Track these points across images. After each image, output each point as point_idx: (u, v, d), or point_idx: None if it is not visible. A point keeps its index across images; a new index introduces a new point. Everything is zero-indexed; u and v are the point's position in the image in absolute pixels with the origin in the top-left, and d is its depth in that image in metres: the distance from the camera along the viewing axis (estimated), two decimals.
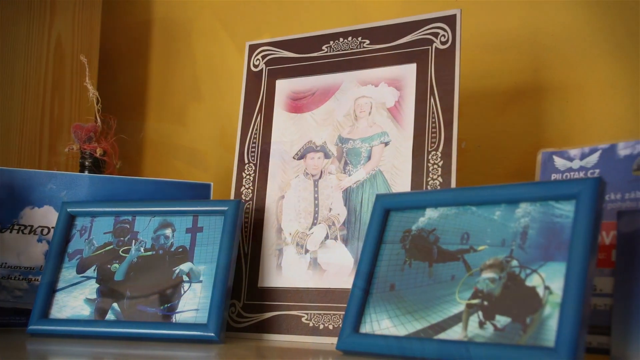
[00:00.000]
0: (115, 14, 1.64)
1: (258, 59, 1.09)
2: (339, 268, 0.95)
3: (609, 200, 0.81)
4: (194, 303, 0.93)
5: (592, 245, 0.67)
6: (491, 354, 0.68)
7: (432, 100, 0.94)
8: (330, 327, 0.93)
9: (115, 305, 0.96)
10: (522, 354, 0.66)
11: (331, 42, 1.04)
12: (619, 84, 1.11)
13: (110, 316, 0.95)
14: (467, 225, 0.78)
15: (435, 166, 0.92)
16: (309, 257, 0.98)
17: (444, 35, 0.96)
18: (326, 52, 1.04)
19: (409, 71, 0.97)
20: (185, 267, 0.96)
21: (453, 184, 0.90)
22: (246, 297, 1.00)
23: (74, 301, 0.97)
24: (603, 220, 0.81)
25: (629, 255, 0.75)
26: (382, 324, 0.79)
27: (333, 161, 1.00)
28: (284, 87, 1.06)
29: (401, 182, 0.94)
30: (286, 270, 0.99)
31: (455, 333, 0.72)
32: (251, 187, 1.04)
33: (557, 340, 0.64)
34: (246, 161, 1.06)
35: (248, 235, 1.02)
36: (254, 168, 1.05)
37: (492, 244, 0.75)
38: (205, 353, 0.83)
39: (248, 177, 1.05)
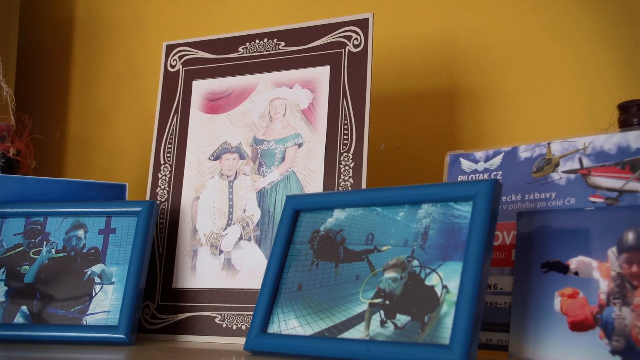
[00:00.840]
0: (36, 11, 1.61)
1: (175, 59, 1.09)
2: (252, 269, 0.96)
3: (509, 201, 0.84)
4: (106, 305, 0.92)
5: (486, 245, 0.69)
6: (390, 352, 0.69)
7: (344, 102, 0.95)
8: (243, 327, 0.93)
9: (24, 307, 0.94)
10: (418, 352, 0.67)
11: (247, 44, 1.05)
12: (528, 88, 1.14)
13: (19, 319, 0.93)
14: (372, 225, 0.79)
15: (347, 167, 0.93)
16: (223, 257, 0.98)
17: (356, 39, 0.97)
18: (242, 53, 1.05)
19: (322, 73, 0.98)
20: (97, 268, 0.95)
21: (364, 185, 0.92)
22: (160, 298, 0.99)
23: None
24: (504, 220, 0.83)
25: (527, 254, 0.77)
26: (289, 323, 0.79)
27: (248, 162, 1.00)
28: (201, 88, 1.06)
29: (314, 183, 0.95)
30: (200, 271, 0.99)
31: (358, 332, 0.74)
32: (167, 188, 1.04)
33: (451, 338, 0.66)
34: (162, 162, 1.05)
35: (163, 236, 1.02)
36: (169, 169, 1.05)
37: (395, 244, 0.77)
38: (116, 355, 0.82)
39: (164, 177, 1.05)
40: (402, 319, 0.71)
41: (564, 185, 0.80)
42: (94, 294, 0.93)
